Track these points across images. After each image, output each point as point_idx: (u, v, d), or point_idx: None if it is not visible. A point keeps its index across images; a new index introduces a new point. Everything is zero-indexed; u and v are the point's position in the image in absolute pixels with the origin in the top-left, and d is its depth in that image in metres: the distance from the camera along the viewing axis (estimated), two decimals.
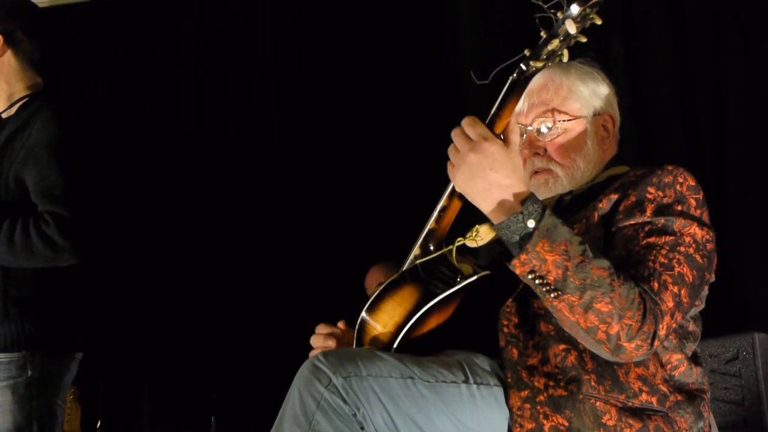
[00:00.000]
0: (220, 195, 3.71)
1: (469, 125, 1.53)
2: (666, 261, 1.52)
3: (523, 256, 1.45)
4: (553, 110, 1.82)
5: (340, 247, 3.47)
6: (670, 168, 1.65)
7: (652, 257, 1.52)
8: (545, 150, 1.81)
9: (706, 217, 1.63)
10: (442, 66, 3.48)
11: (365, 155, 3.55)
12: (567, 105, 1.83)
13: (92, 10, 4.01)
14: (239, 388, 3.51)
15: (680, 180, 1.63)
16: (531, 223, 1.46)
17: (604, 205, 1.64)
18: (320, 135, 3.67)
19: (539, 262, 1.44)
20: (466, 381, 1.53)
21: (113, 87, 3.93)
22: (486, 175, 1.49)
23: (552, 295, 1.45)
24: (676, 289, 1.49)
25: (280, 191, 3.66)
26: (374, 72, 3.59)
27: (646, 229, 1.56)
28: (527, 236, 1.46)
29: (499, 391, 1.56)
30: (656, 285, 1.48)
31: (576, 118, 1.82)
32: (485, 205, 1.52)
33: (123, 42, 3.96)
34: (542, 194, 1.83)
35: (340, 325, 1.81)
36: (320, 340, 1.81)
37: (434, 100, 3.47)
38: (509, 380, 1.55)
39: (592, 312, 1.44)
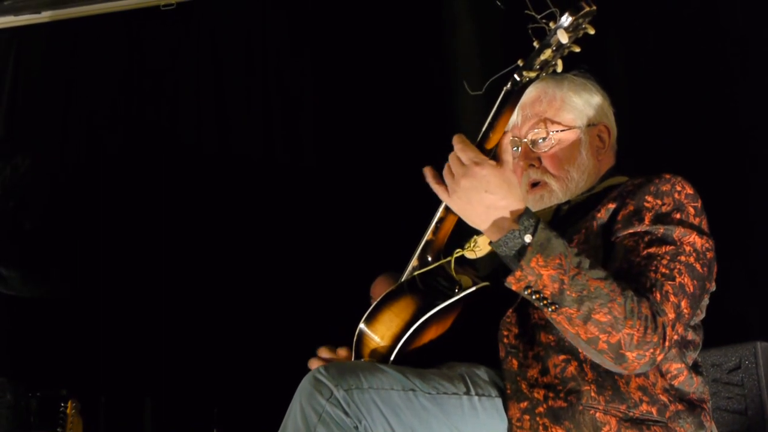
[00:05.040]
0: (222, 206, 3.71)
1: (461, 149, 1.52)
2: (667, 271, 1.51)
3: (518, 273, 1.46)
4: (546, 121, 1.82)
5: (342, 261, 3.47)
6: (667, 176, 1.64)
7: (653, 267, 1.51)
8: (540, 161, 1.82)
9: (705, 225, 1.62)
10: (440, 76, 3.49)
11: (365, 162, 3.56)
12: (560, 116, 1.83)
13: (93, 23, 4.02)
14: (241, 402, 3.51)
15: (678, 188, 1.62)
16: (527, 238, 1.47)
17: (603, 215, 1.64)
18: (321, 142, 3.68)
19: (534, 278, 1.45)
20: (468, 393, 1.53)
21: (115, 99, 3.94)
22: (482, 198, 1.49)
23: (550, 309, 1.46)
24: (677, 300, 1.49)
25: (282, 201, 3.67)
26: (373, 81, 3.60)
27: (647, 239, 1.55)
28: (523, 251, 1.46)
29: (500, 403, 1.56)
30: (658, 296, 1.48)
31: (569, 128, 1.83)
32: (484, 227, 1.52)
33: (125, 54, 3.97)
34: (538, 208, 1.83)
35: (340, 351, 1.77)
36: (318, 363, 1.76)
37: (433, 110, 3.49)
38: (508, 391, 1.55)
39: (592, 323, 1.44)
